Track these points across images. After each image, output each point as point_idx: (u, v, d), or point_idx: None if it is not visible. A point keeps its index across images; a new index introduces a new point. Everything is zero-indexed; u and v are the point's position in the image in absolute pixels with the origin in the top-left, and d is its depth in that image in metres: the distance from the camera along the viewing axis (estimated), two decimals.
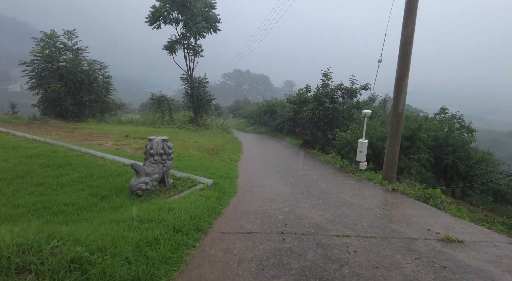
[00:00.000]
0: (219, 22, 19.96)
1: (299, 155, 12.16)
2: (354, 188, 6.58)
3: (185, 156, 10.17)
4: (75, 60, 19.01)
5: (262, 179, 7.29)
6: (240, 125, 33.25)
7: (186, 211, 3.89)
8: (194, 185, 5.61)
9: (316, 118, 13.73)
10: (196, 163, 8.97)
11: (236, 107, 38.57)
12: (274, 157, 11.42)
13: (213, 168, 8.25)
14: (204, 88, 21.06)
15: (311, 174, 7.99)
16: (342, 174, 8.33)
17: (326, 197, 5.65)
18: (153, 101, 21.73)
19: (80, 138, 12.34)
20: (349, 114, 13.55)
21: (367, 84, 14.24)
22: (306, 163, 10.17)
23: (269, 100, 24.46)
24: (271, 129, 22.26)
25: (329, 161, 10.37)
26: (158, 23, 19.01)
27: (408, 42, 6.35)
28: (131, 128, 16.88)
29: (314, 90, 14.69)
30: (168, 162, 5.33)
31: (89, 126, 16.85)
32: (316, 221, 4.22)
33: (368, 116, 8.11)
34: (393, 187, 6.69)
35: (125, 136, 13.87)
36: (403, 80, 6.65)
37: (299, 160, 10.87)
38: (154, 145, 5.13)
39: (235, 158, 10.61)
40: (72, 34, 19.49)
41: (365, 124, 8.11)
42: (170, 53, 19.81)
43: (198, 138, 15.18)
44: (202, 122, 21.56)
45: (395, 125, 7.06)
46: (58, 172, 5.62)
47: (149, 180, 4.98)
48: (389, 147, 7.26)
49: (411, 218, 4.49)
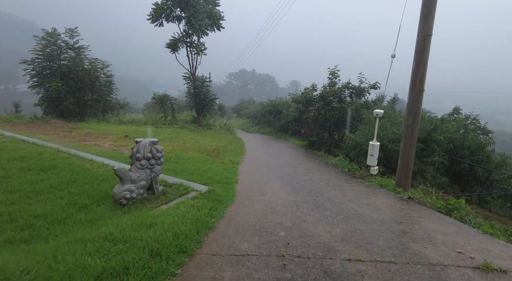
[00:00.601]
0: (222, 20, 19.43)
1: (304, 157, 11.52)
2: (366, 196, 5.93)
3: (184, 158, 9.64)
4: (76, 59, 18.69)
5: (264, 184, 6.69)
6: (244, 126, 32.69)
7: (170, 227, 3.31)
8: (187, 192, 5.04)
9: (323, 119, 13.06)
10: (194, 165, 8.42)
11: (240, 107, 38.00)
12: (278, 159, 10.80)
13: (212, 171, 7.68)
14: (207, 87, 20.55)
15: (317, 179, 7.35)
16: (351, 179, 7.67)
17: (335, 207, 5.02)
18: (155, 101, 21.29)
19: (78, 138, 11.92)
20: (357, 114, 12.84)
21: (376, 83, 13.52)
22: (312, 166, 9.53)
23: (274, 100, 23.84)
24: (276, 129, 21.63)
25: (336, 164, 9.71)
26: (160, 21, 18.58)
27: (427, 34, 5.67)
28: (132, 129, 16.44)
29: (321, 89, 14.02)
30: (157, 167, 4.77)
31: (89, 126, 16.47)
32: (323, 239, 3.60)
33: (380, 116, 7.44)
34: (409, 195, 6.02)
35: (125, 136, 13.43)
36: (420, 77, 5.98)
37: (305, 162, 10.23)
38: (141, 148, 4.57)
39: (236, 160, 10.04)
40: (74, 32, 19.16)
41: (376, 125, 7.43)
42: (173, 52, 19.36)
43: (199, 139, 14.66)
44: (205, 123, 21.05)
45: (410, 126, 6.38)
46: (39, 176, 5.11)
47: (135, 187, 4.43)
48: (404, 150, 6.59)
49: (436, 236, 3.84)
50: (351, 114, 12.76)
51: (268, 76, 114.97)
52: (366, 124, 10.77)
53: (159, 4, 17.60)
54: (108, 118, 20.29)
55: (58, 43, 18.24)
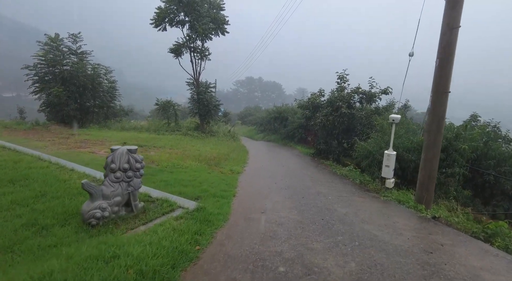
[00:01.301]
0: (227, 24, 18.98)
1: (311, 167, 10.68)
2: (383, 215, 5.07)
3: (180, 167, 8.94)
4: (78, 64, 18.43)
5: (265, 198, 5.89)
6: (250, 133, 31.99)
7: (136, 262, 2.56)
8: (171, 210, 4.29)
9: (331, 125, 12.24)
10: (190, 175, 7.70)
11: (246, 114, 37.40)
12: (283, 168, 10.00)
13: (208, 182, 6.95)
14: (211, 93, 20.01)
15: (325, 193, 6.52)
16: (364, 193, 6.80)
17: (348, 229, 4.19)
18: (158, 107, 20.83)
19: (73, 145, 11.39)
20: (368, 121, 11.99)
21: (388, 88, 12.68)
22: (320, 177, 8.69)
23: (279, 106, 23.12)
24: (281, 137, 20.85)
25: (346, 175, 8.84)
26: (163, 25, 18.22)
27: (454, 27, 4.88)
28: (133, 135, 15.89)
29: (328, 94, 13.24)
30: (135, 180, 4.04)
31: (89, 133, 16.00)
32: (335, 277, 2.78)
33: (396, 122, 6.60)
34: (433, 214, 5.15)
35: (123, 143, 12.86)
36: (444, 76, 5.17)
37: (311, 172, 9.40)
38: (116, 158, 3.86)
39: (237, 170, 9.28)
40: (77, 38, 18.98)
41: (392, 133, 6.58)
42: (176, 57, 18.94)
43: (201, 146, 13.99)
44: (209, 129, 20.44)
45: (433, 134, 5.54)
46: (4, 189, 4.44)
47: (108, 204, 3.71)
48: (425, 161, 5.74)
49: (483, 277, 2.97)
50: (362, 121, 11.92)
51: (275, 84, 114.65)
52: (379, 131, 9.93)
53: (163, 8, 17.27)
54: (110, 125, 19.85)
55: (60, 48, 18.04)
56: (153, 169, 8.18)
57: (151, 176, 7.32)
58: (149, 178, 7.01)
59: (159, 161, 9.38)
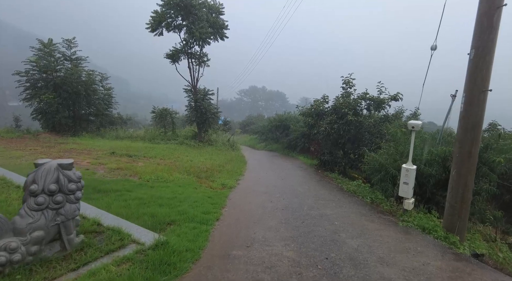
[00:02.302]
0: (226, 29, 18.19)
1: (314, 180, 9.48)
2: (406, 250, 3.87)
3: (165, 180, 7.87)
4: (71, 70, 17.73)
5: (255, 223, 4.73)
6: (251, 142, 30.85)
7: None
8: (121, 246, 3.16)
9: (336, 134, 11.09)
10: (173, 191, 6.62)
11: (248, 123, 36.36)
12: (282, 182, 8.83)
13: (191, 201, 5.84)
14: (209, 100, 19.07)
15: (331, 216, 5.33)
16: (377, 215, 5.59)
17: (361, 277, 3.01)
18: (154, 115, 19.93)
19: (55, 155, 10.45)
20: (376, 129, 10.82)
21: (398, 93, 11.54)
22: (323, 193, 7.49)
23: (281, 114, 22.05)
24: (283, 146, 19.69)
25: (354, 191, 7.63)
26: (160, 30, 17.49)
27: (497, 6, 3.79)
28: (125, 144, 14.88)
29: (333, 101, 12.13)
30: (68, 206, 2.94)
31: (79, 142, 15.07)
32: None
33: (417, 130, 5.42)
34: (473, 251, 3.93)
35: (111, 153, 11.90)
36: (481, 70, 4.06)
37: (314, 188, 8.20)
38: (39, 177, 2.78)
39: (229, 184, 8.14)
40: (71, 43, 18.37)
41: (412, 143, 5.39)
42: (173, 63, 18.14)
43: (195, 157, 12.93)
44: (207, 138, 19.40)
45: (467, 144, 4.38)
46: None
47: (20, 243, 2.61)
48: (457, 178, 4.55)
49: None
50: (370, 129, 10.76)
51: (278, 93, 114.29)
52: (390, 141, 8.76)
53: (159, 12, 16.56)
54: (103, 133, 18.92)
55: (53, 54, 17.38)
56: (132, 184, 7.11)
57: (126, 192, 6.26)
58: (122, 195, 5.95)
59: (143, 174, 8.33)
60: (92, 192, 6.08)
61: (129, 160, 10.74)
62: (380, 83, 11.28)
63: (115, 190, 6.36)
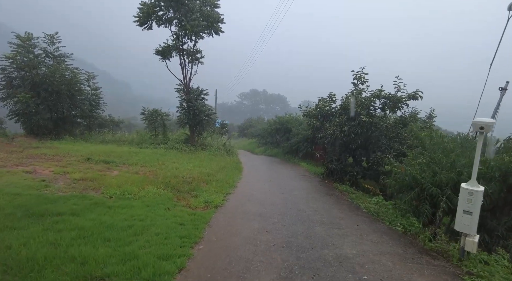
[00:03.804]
0: (222, 23, 16.61)
1: (321, 195, 7.76)
2: None
3: (132, 197, 6.22)
4: (53, 67, 16.16)
5: (240, 274, 3.04)
6: (250, 146, 29.20)
7: None
8: None
9: (346, 138, 9.41)
10: (132, 216, 4.95)
11: (247, 126, 34.71)
12: (282, 198, 7.13)
13: (152, 233, 4.19)
14: (203, 101, 17.43)
15: (353, 259, 3.62)
16: (422, 258, 3.85)
17: None
18: (144, 117, 18.23)
19: (16, 161, 8.86)
20: (395, 133, 9.13)
21: (417, 91, 9.86)
22: (336, 215, 5.78)
23: (282, 116, 20.37)
24: (284, 151, 18.01)
25: (377, 213, 5.90)
26: (149, 24, 15.93)
27: None
28: (109, 149, 13.18)
29: (342, 99, 10.45)
30: None
31: (57, 146, 13.37)
32: None
33: (488, 131, 3.64)
34: None
35: (87, 159, 10.25)
36: None
37: (323, 207, 6.49)
38: None
39: (215, 201, 6.45)
40: (54, 38, 16.81)
41: (478, 150, 3.60)
42: (163, 59, 16.56)
43: (183, 163, 11.24)
44: (200, 142, 17.71)
45: None
46: None
47: None
48: None
49: None
50: (388, 133, 9.07)
51: (279, 97, 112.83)
52: (415, 147, 7.03)
53: (147, 3, 14.99)
54: (88, 137, 17.23)
55: (31, 50, 15.82)
56: (86, 202, 5.42)
57: (70, 216, 4.59)
58: (61, 222, 4.32)
59: (109, 187, 6.65)
60: (22, 215, 4.41)
61: (103, 168, 9.08)
62: (398, 78, 9.61)
63: (57, 213, 4.69)
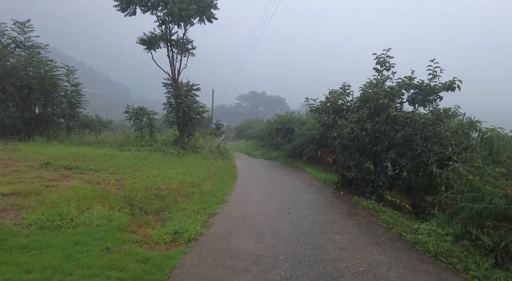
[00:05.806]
0: (215, 9, 14.59)
1: (342, 217, 5.65)
2: None
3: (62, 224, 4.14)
4: (23, 59, 14.14)
5: None
6: (248, 148, 27.13)
7: None
8: None
9: (368, 138, 7.32)
10: (38, 267, 2.78)
11: (245, 127, 32.62)
12: (288, 221, 5.03)
13: None
14: (194, 97, 15.36)
15: None
16: None
17: None
18: (128, 116, 16.03)
19: None
20: (433, 131, 7.05)
21: (454, 79, 7.80)
22: (376, 257, 3.69)
23: (283, 115, 18.27)
24: (286, 154, 15.91)
25: (435, 253, 3.80)
26: (132, 9, 13.92)
27: None
28: (82, 152, 11.00)
29: (360, 90, 8.35)
30: None
31: (19, 148, 11.19)
32: None
33: None
34: None
35: (45, 164, 8.20)
36: None
37: (350, 238, 4.39)
38: None
39: (190, 232, 4.36)
40: (25, 27, 14.79)
41: None
42: (148, 50, 14.53)
43: (163, 170, 9.14)
44: (191, 144, 15.60)
45: None
46: None
47: None
48: None
49: None
50: (424, 131, 6.97)
51: (278, 98, 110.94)
52: (463, 149, 4.93)
53: None
54: (63, 138, 15.09)
55: None
56: None
57: None
58: None
59: (42, 206, 4.58)
60: None
61: (58, 176, 7.01)
62: (433, 62, 7.53)
63: None
